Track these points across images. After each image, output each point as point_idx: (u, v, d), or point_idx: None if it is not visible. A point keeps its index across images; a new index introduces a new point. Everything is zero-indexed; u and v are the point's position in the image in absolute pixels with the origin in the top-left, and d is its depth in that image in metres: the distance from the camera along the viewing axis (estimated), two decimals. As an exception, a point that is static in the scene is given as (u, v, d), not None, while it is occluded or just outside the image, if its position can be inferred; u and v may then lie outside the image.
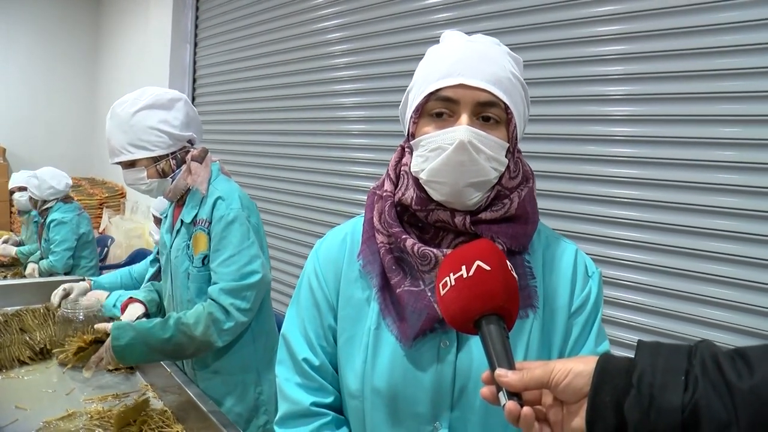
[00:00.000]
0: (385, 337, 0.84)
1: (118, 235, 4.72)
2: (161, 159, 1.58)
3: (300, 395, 0.89)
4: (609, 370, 0.57)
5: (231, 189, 1.59)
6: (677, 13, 1.73)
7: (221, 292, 1.49)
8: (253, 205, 1.62)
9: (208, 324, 1.47)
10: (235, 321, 1.49)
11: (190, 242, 1.57)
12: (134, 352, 1.46)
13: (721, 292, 1.67)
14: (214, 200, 1.54)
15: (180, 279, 1.60)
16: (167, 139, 1.56)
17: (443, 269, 0.70)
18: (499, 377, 0.60)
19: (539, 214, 0.90)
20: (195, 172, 1.58)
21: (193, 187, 1.57)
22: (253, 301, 1.52)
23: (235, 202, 1.54)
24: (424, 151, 0.80)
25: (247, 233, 1.52)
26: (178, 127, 1.58)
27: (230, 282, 1.49)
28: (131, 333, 1.46)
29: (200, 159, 1.61)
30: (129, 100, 1.56)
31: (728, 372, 0.51)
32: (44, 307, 2.16)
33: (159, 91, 1.59)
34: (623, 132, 1.86)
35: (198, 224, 1.55)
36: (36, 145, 6.25)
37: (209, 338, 1.48)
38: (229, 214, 1.52)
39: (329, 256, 0.93)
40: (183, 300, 1.60)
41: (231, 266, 1.50)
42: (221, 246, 1.51)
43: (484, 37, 0.86)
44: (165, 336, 1.47)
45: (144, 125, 1.53)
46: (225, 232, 1.51)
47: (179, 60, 4.41)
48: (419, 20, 2.53)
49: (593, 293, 0.86)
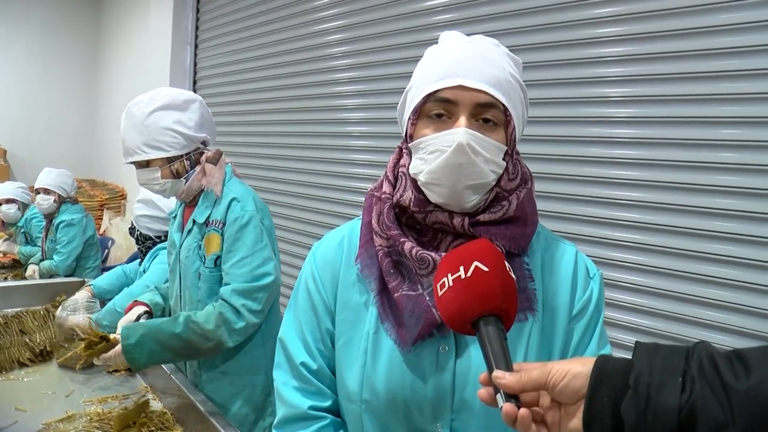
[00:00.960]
0: (384, 341, 0.84)
1: (119, 237, 4.72)
2: (175, 159, 1.58)
3: (298, 399, 0.89)
4: (606, 371, 0.57)
5: (245, 191, 1.60)
6: (678, 14, 1.73)
7: (233, 293, 1.49)
8: (266, 208, 1.63)
9: (219, 323, 1.47)
10: (246, 322, 1.49)
11: (202, 242, 1.57)
12: (144, 350, 1.45)
13: (722, 294, 1.67)
14: (228, 201, 1.55)
15: (190, 279, 1.59)
16: (182, 140, 1.57)
17: (441, 270, 0.70)
18: (497, 378, 0.60)
19: (539, 215, 0.89)
20: (210, 174, 1.59)
21: (208, 188, 1.58)
22: (264, 302, 1.52)
23: (249, 204, 1.55)
24: (422, 153, 0.80)
25: (260, 235, 1.53)
26: (192, 128, 1.59)
27: (243, 283, 1.49)
28: (141, 330, 1.47)
29: (215, 161, 1.61)
30: (144, 100, 1.56)
31: (725, 373, 0.51)
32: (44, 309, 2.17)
33: (174, 92, 1.60)
34: (623, 134, 1.86)
35: (211, 225, 1.55)
36: (36, 147, 6.26)
37: (220, 337, 1.48)
38: (244, 216, 1.52)
39: (326, 259, 0.93)
40: (193, 300, 1.59)
41: (244, 267, 1.50)
42: (235, 247, 1.51)
43: (484, 38, 0.85)
44: (175, 331, 1.47)
45: (159, 125, 1.54)
46: (239, 233, 1.51)
47: (180, 61, 4.41)
48: (420, 22, 2.53)
49: (595, 295, 0.86)
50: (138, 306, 1.70)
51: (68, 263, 3.19)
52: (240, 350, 1.60)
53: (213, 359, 1.60)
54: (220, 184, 1.58)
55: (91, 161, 6.55)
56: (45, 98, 6.36)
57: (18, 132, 6.16)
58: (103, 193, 5.61)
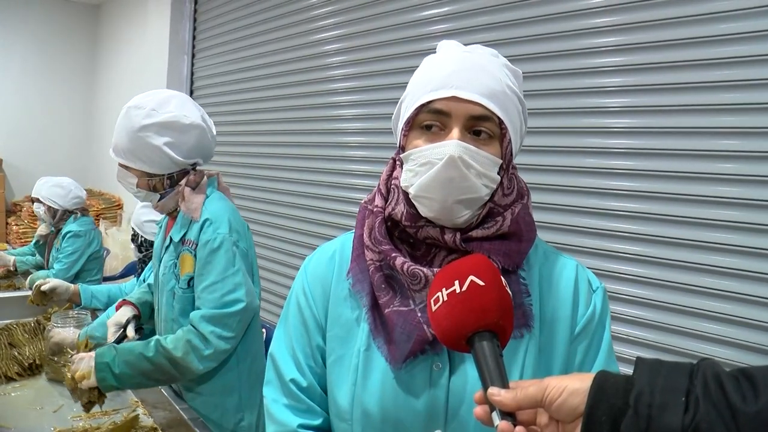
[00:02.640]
0: (376, 358, 0.81)
1: (114, 247, 4.69)
2: (155, 176, 1.53)
3: (287, 417, 0.87)
4: (605, 389, 0.54)
5: (221, 211, 1.52)
6: (675, 24, 1.72)
7: (202, 320, 1.43)
8: (243, 227, 1.55)
9: (187, 350, 1.42)
10: (214, 348, 1.43)
11: (177, 261, 1.53)
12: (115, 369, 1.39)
13: (721, 306, 1.64)
14: (202, 222, 1.49)
15: (166, 296, 1.56)
16: (168, 162, 1.50)
17: (435, 284, 0.67)
18: (492, 396, 0.58)
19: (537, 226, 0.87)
20: (188, 200, 1.52)
21: (186, 214, 1.52)
22: (236, 328, 1.46)
23: (223, 226, 1.48)
24: (413, 165, 0.78)
25: (232, 260, 1.46)
26: (184, 152, 1.51)
27: (212, 309, 1.43)
28: (113, 351, 1.42)
29: (194, 184, 1.55)
30: (146, 109, 1.48)
31: (732, 394, 0.49)
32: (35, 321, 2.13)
33: (180, 111, 1.50)
34: (621, 144, 1.84)
35: (186, 244, 1.50)
36: (32, 156, 6.23)
37: (189, 364, 1.42)
38: (216, 239, 1.46)
39: (317, 274, 0.91)
40: (168, 318, 1.55)
41: (214, 293, 1.44)
42: (205, 271, 1.46)
43: (482, 48, 0.83)
44: (147, 354, 1.42)
45: (149, 142, 1.47)
46: (210, 257, 1.45)
47: (177, 71, 4.41)
48: (417, 31, 2.52)
49: (598, 310, 0.83)
50: (126, 307, 1.67)
51: (68, 275, 3.12)
52: (213, 373, 1.53)
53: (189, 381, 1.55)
54: (199, 210, 1.50)
55: (87, 171, 6.52)
56: (41, 107, 6.35)
57: (14, 141, 6.14)
58: (99, 203, 5.58)
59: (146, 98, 1.51)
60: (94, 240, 3.29)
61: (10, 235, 5.68)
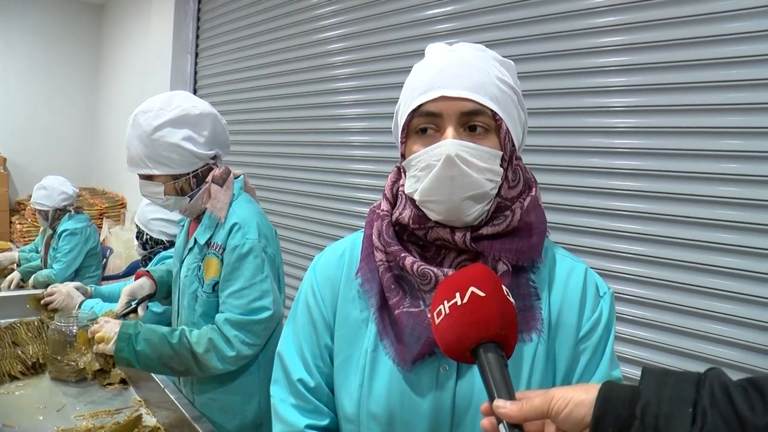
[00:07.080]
0: (382, 359, 0.81)
1: (118, 246, 4.70)
2: (181, 177, 1.49)
3: (295, 417, 0.87)
4: (611, 400, 0.54)
5: (250, 214, 1.48)
6: (679, 23, 1.71)
7: (226, 323, 1.42)
8: (272, 233, 1.52)
9: (209, 348, 1.41)
10: (236, 352, 1.42)
11: (202, 264, 1.49)
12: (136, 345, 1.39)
13: (725, 307, 1.64)
14: (230, 226, 1.45)
15: (187, 299, 1.53)
16: (190, 157, 1.47)
17: (437, 297, 0.67)
18: (498, 408, 0.57)
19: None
20: (215, 197, 1.48)
21: (212, 212, 1.48)
22: (261, 335, 1.45)
23: (252, 231, 1.44)
24: (415, 171, 0.78)
25: (261, 266, 1.43)
26: (202, 145, 1.49)
27: (238, 315, 1.42)
28: (139, 327, 1.42)
29: (221, 181, 1.50)
30: (153, 110, 1.45)
31: (740, 405, 0.48)
32: (39, 320, 2.13)
33: (187, 103, 1.49)
34: (625, 144, 1.84)
35: (212, 248, 1.47)
36: (36, 155, 6.25)
37: (208, 362, 1.42)
38: (245, 245, 1.43)
39: (326, 274, 0.90)
40: (189, 322, 1.53)
41: (241, 299, 1.42)
42: (233, 277, 1.43)
43: (467, 45, 0.83)
44: (171, 341, 1.42)
45: (166, 141, 1.44)
46: (238, 263, 1.42)
47: (180, 70, 4.41)
48: (420, 31, 2.51)
49: (604, 315, 0.82)
50: (146, 281, 1.67)
51: (67, 273, 3.14)
52: (234, 377, 1.52)
53: (206, 384, 1.55)
54: (225, 209, 1.47)
55: (90, 170, 6.54)
56: (45, 106, 6.37)
57: (18, 140, 6.16)
58: (102, 201, 5.59)
59: (149, 102, 1.49)
60: (91, 236, 3.29)
61: (14, 234, 5.69)
